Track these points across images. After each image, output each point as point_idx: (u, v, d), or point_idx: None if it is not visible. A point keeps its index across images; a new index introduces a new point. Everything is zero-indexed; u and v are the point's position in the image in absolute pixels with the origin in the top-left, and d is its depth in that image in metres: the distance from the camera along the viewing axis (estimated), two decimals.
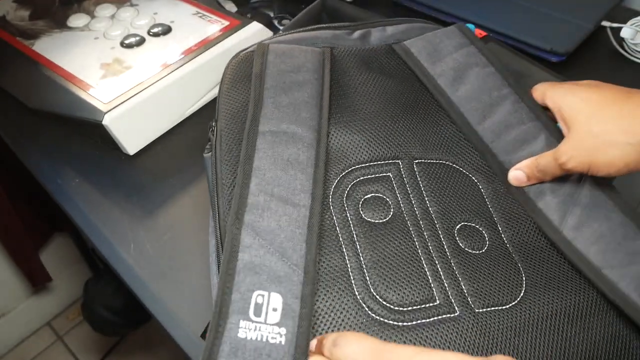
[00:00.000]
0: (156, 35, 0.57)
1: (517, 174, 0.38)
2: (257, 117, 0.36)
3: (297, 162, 0.35)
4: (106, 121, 0.48)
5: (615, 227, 0.34)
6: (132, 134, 0.51)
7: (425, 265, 0.33)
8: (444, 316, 0.31)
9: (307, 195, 0.33)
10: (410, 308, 0.31)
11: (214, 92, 0.57)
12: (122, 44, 0.56)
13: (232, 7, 0.68)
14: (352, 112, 0.39)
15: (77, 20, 0.60)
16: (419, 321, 0.30)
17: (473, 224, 0.35)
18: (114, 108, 0.48)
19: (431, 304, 0.31)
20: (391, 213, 0.35)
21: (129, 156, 0.52)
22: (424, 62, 0.42)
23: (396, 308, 0.31)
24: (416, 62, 0.43)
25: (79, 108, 0.49)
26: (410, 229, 0.34)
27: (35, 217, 0.97)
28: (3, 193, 0.83)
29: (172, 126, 0.55)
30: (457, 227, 0.35)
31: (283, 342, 0.27)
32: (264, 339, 0.27)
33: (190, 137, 0.54)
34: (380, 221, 0.35)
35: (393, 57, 0.44)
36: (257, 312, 0.28)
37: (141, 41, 0.56)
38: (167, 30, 0.57)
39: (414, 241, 0.34)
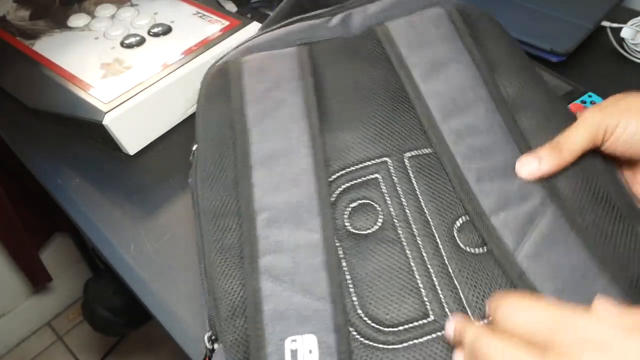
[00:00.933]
0: (156, 35, 0.57)
1: (528, 163, 0.33)
2: (247, 153, 0.35)
3: (298, 183, 0.33)
4: (106, 121, 0.48)
5: (575, 265, 0.30)
6: (132, 134, 0.51)
7: (418, 277, 0.30)
8: (438, 334, 0.28)
9: (315, 218, 0.32)
10: (400, 328, 0.29)
11: None
12: (122, 44, 0.56)
13: (232, 7, 0.68)
14: (335, 115, 0.37)
15: (77, 20, 0.60)
16: (410, 342, 0.28)
17: None
18: (114, 108, 0.48)
19: (424, 321, 0.29)
20: (380, 220, 0.32)
21: (129, 156, 0.52)
22: (403, 48, 0.39)
23: (386, 329, 0.29)
24: (394, 47, 0.39)
25: (79, 108, 0.49)
26: (402, 236, 0.32)
27: (35, 217, 0.97)
28: (3, 193, 0.83)
29: (172, 126, 0.55)
30: (458, 223, 0.32)
31: None
32: None
33: (191, 137, 0.54)
34: (368, 232, 0.32)
35: (374, 42, 0.40)
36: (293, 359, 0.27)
37: (141, 41, 0.56)
38: (167, 30, 0.57)
39: (404, 251, 0.31)
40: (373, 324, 0.29)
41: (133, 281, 0.43)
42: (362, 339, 0.29)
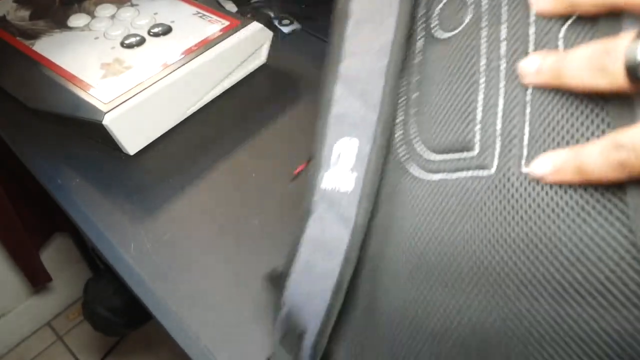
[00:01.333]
0: (156, 35, 0.57)
1: None
2: None
3: None
4: (106, 121, 0.48)
5: None
6: (132, 134, 0.51)
7: (479, 99, 0.24)
8: (473, 173, 0.23)
9: (392, 18, 0.28)
10: (439, 158, 0.25)
11: (214, 92, 0.57)
12: (122, 44, 0.56)
13: (232, 7, 0.68)
14: None
15: (77, 20, 0.60)
16: (442, 174, 0.25)
17: None
18: (114, 108, 0.48)
19: (465, 155, 0.24)
20: (466, 20, 0.25)
21: (129, 156, 0.52)
22: None
23: (425, 156, 0.26)
24: None
25: (79, 108, 0.49)
26: (481, 41, 0.24)
27: (35, 217, 0.97)
28: (3, 193, 0.83)
29: (172, 126, 0.55)
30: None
31: (353, 185, 0.27)
32: (340, 184, 0.28)
33: (190, 137, 0.54)
34: (449, 34, 0.26)
35: None
36: (337, 160, 0.29)
37: (141, 41, 0.56)
38: (167, 30, 0.57)
39: (478, 63, 0.24)
40: (416, 148, 0.26)
41: (133, 281, 0.43)
42: (401, 157, 0.27)
